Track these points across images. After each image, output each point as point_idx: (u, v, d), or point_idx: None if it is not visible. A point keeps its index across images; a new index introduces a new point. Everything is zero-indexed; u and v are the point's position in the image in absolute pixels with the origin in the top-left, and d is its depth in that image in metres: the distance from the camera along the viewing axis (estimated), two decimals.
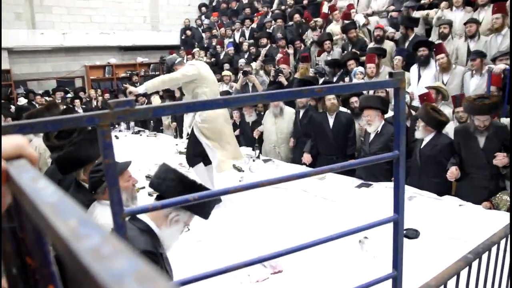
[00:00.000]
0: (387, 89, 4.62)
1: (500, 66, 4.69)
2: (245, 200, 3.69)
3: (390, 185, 3.63)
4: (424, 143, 3.82)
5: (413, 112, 4.46)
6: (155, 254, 1.55)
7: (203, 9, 11.97)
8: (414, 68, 5.52)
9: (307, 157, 4.79)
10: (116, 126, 7.98)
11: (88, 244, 0.27)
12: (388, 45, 6.39)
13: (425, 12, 6.56)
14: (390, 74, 1.12)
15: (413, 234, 2.88)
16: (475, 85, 4.88)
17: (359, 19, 7.10)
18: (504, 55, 4.77)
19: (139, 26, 11.65)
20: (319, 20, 7.95)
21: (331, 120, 4.64)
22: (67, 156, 2.36)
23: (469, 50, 5.40)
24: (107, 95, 9.31)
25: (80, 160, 2.38)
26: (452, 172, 3.53)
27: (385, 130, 4.02)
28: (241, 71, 6.93)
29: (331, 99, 4.58)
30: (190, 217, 1.70)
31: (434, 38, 6.12)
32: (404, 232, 2.83)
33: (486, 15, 5.56)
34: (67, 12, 10.45)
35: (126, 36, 11.32)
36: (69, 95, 9.39)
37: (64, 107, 6.21)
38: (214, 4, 12.05)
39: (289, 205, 3.63)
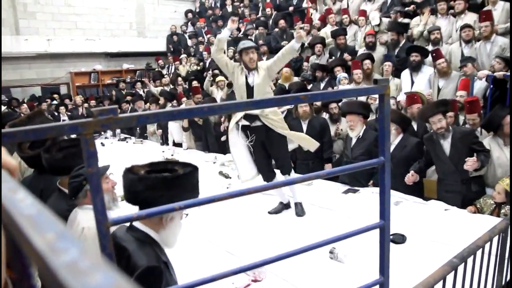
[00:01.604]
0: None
1: (484, 72, 4.79)
2: (232, 206, 3.67)
3: (376, 191, 3.66)
4: (393, 146, 3.92)
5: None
6: (159, 268, 1.49)
7: (189, 15, 11.96)
8: (406, 73, 5.51)
9: None
10: (102, 133, 7.90)
11: (65, 258, 0.26)
12: (379, 51, 6.37)
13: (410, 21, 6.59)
14: (375, 81, 1.13)
15: (400, 239, 2.90)
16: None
17: (374, 18, 6.97)
18: (465, 60, 5.00)
19: (125, 33, 11.59)
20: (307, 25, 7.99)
21: (304, 127, 4.68)
22: (67, 160, 2.28)
23: (463, 55, 5.39)
24: (92, 102, 9.22)
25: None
26: (408, 177, 3.68)
27: (367, 135, 4.08)
28: (226, 83, 6.99)
29: (302, 106, 4.61)
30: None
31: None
32: (391, 237, 2.85)
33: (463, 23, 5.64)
34: (51, 18, 10.34)
35: (112, 42, 11.24)
36: (54, 102, 9.28)
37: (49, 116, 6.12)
38: (198, 10, 12.04)
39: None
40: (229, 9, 10.95)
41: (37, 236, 0.30)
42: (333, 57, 6.83)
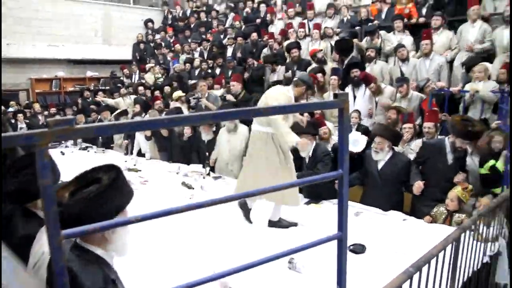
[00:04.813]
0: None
1: (440, 84, 5.13)
2: (193, 216, 3.63)
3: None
4: (382, 163, 3.87)
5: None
6: None
7: (149, 24, 11.86)
8: (349, 89, 5.87)
9: None
10: (63, 142, 7.65)
11: None
12: (330, 66, 6.60)
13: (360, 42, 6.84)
14: (335, 95, 1.17)
15: (360, 249, 2.96)
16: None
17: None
18: (401, 80, 5.40)
19: (90, 40, 11.34)
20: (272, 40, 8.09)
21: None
22: (23, 187, 2.10)
23: (401, 72, 5.90)
24: (53, 110, 8.93)
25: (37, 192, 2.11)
26: (420, 186, 3.64)
27: (319, 151, 4.11)
28: (192, 97, 7.00)
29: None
30: (125, 211, 1.52)
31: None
32: (351, 247, 2.91)
33: (438, 39, 6.02)
34: (12, 22, 9.98)
35: (76, 49, 10.96)
36: (10, 109, 8.90)
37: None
38: (169, 19, 11.96)
39: (237, 222, 3.62)
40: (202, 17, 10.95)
41: None
42: (289, 71, 6.91)
